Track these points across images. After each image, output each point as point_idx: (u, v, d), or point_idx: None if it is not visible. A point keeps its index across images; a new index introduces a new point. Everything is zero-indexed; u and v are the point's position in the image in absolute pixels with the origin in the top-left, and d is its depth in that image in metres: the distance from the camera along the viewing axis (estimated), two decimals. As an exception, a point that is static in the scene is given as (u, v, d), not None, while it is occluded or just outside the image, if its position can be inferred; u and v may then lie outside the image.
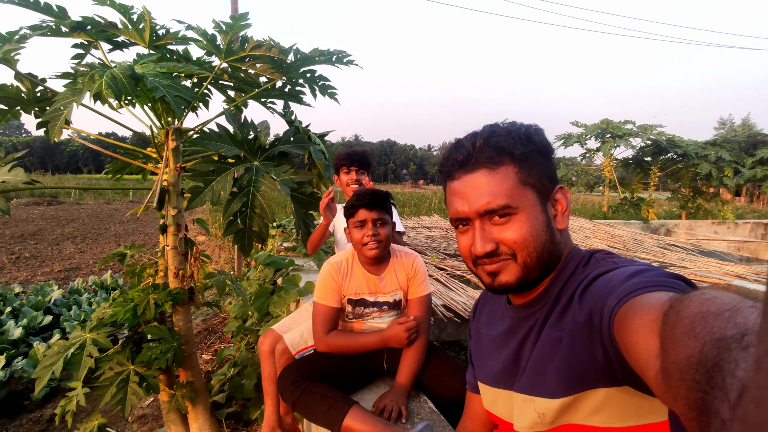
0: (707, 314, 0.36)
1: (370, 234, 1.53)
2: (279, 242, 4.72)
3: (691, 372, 0.33)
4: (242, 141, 1.72)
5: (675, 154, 9.44)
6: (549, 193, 0.77)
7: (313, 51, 1.75)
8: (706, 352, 0.33)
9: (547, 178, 0.77)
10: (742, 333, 0.31)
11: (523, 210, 0.73)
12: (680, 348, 0.36)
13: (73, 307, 4.59)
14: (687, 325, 0.37)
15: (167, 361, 1.72)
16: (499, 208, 0.73)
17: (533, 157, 0.75)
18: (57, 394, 3.17)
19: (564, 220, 0.77)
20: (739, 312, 0.34)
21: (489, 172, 0.74)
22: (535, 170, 0.75)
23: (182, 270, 1.88)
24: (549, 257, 0.75)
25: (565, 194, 0.78)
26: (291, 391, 1.40)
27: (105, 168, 2.15)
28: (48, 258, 7.68)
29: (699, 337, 0.34)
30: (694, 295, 0.40)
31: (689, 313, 0.38)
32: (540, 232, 0.73)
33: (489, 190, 0.74)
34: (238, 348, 3.16)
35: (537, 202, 0.75)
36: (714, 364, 0.31)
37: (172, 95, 1.37)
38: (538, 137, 0.78)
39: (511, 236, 0.73)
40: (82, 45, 1.72)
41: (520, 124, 0.79)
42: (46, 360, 1.65)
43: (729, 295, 0.38)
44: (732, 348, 0.30)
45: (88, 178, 43.18)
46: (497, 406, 0.84)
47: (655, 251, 4.91)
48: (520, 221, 0.73)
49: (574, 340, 0.65)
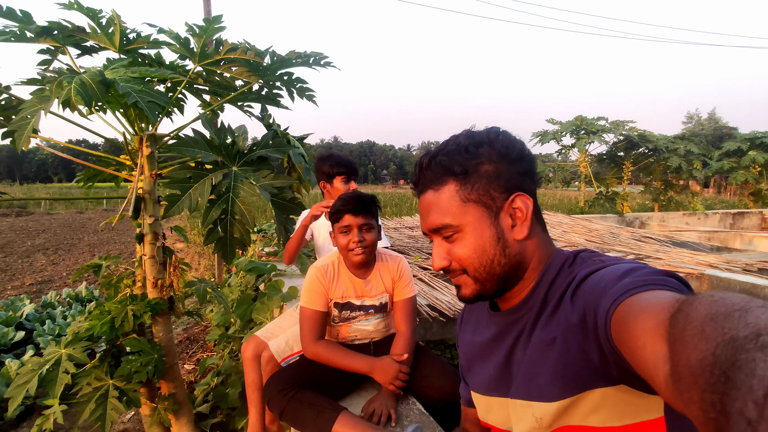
0: (716, 315, 0.35)
1: (356, 240, 1.51)
2: (260, 247, 4.66)
3: (705, 374, 0.33)
4: (220, 146, 1.68)
5: (646, 149, 9.72)
6: (502, 204, 0.74)
7: (289, 53, 1.73)
8: (720, 354, 0.32)
9: (499, 187, 0.74)
10: (756, 333, 0.31)
11: (465, 227, 0.74)
12: (691, 351, 0.36)
13: (46, 322, 4.42)
14: (697, 328, 0.36)
15: (148, 373, 1.68)
16: (442, 227, 0.75)
17: (478, 171, 0.74)
18: (33, 412, 3.04)
19: (522, 230, 0.74)
20: (749, 312, 0.34)
21: (434, 192, 0.76)
22: (479, 184, 0.74)
23: (161, 279, 1.84)
24: (503, 270, 0.74)
25: (525, 201, 0.74)
26: (278, 401, 1.38)
27: (76, 176, 2.08)
28: (18, 271, 7.40)
29: (710, 339, 0.34)
30: (702, 297, 0.40)
31: (698, 315, 0.37)
32: (486, 248, 0.73)
33: (434, 210, 0.76)
34: (222, 356, 3.10)
35: (484, 217, 0.74)
36: (731, 364, 0.31)
37: (145, 101, 1.34)
38: (493, 145, 0.75)
39: (457, 253, 0.75)
40: (48, 50, 1.67)
41: (470, 135, 0.77)
42: (20, 378, 1.59)
43: (737, 295, 0.37)
44: (748, 348, 0.30)
45: (59, 187, 41.87)
46: (492, 414, 0.83)
47: (631, 244, 5.04)
48: (464, 239, 0.74)
49: (568, 342, 0.64)
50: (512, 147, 0.76)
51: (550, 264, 0.75)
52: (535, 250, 0.77)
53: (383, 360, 1.50)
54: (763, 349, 0.29)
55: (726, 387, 0.30)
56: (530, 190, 0.77)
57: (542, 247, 0.77)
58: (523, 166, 0.76)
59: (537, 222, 0.78)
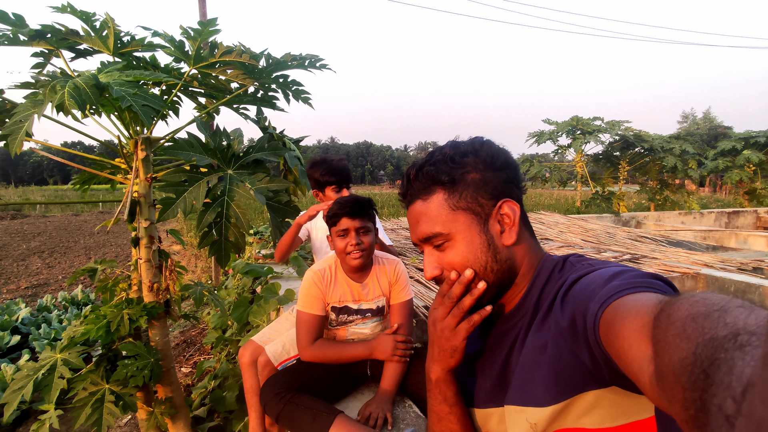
0: (697, 315, 0.37)
1: (354, 243, 1.51)
2: (257, 250, 4.65)
3: (686, 373, 0.34)
4: (215, 149, 1.68)
5: (642, 149, 9.76)
6: (490, 211, 0.75)
7: (285, 56, 1.73)
8: (700, 353, 0.33)
9: (486, 195, 0.75)
10: (734, 333, 0.32)
11: (456, 235, 0.75)
12: (673, 350, 0.37)
13: (42, 326, 4.40)
14: (678, 328, 0.38)
15: (144, 377, 1.67)
16: (433, 236, 0.76)
17: (464, 179, 0.75)
18: (29, 417, 3.03)
19: (511, 235, 0.75)
20: (728, 312, 0.35)
21: (423, 202, 0.78)
22: (467, 192, 0.75)
23: (157, 283, 1.83)
24: (495, 276, 0.75)
25: (513, 207, 0.75)
26: (274, 404, 1.38)
27: (72, 179, 2.07)
28: (13, 274, 7.36)
29: (691, 339, 0.35)
30: (684, 298, 0.41)
31: (680, 316, 0.39)
32: (478, 254, 0.74)
33: (423, 219, 0.77)
34: (219, 359, 3.09)
35: (473, 224, 0.75)
36: (710, 363, 0.32)
37: (140, 104, 1.33)
38: (478, 154, 0.76)
39: (448, 261, 0.76)
40: (42, 54, 1.66)
41: (455, 146, 0.78)
42: (15, 383, 1.58)
43: (717, 296, 0.39)
44: (727, 348, 0.31)
45: (54, 189, 41.67)
46: (491, 424, 0.83)
47: (627, 243, 5.06)
48: (454, 246, 0.76)
49: (559, 346, 0.65)
50: (497, 156, 0.77)
51: (540, 269, 0.76)
52: (524, 255, 0.77)
53: (379, 338, 1.52)
54: (741, 348, 0.30)
55: (706, 384, 0.31)
56: (516, 196, 0.78)
57: (531, 252, 0.78)
58: (508, 174, 0.77)
59: (525, 228, 0.79)
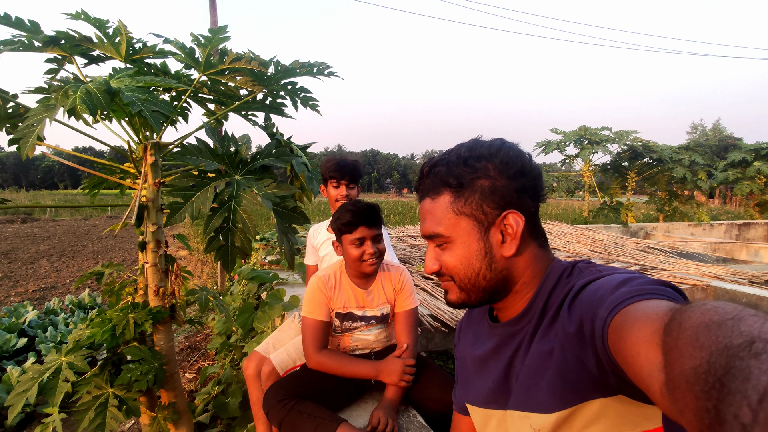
0: (710, 324, 0.36)
1: (371, 252, 1.50)
2: (262, 256, 4.66)
3: (699, 382, 0.33)
4: (223, 155, 1.69)
5: (651, 159, 9.70)
6: (493, 220, 0.74)
7: (293, 63, 1.74)
8: (714, 362, 0.33)
9: (493, 203, 0.73)
10: (749, 341, 0.32)
11: (456, 239, 0.76)
12: (686, 359, 0.36)
13: (48, 329, 4.43)
14: (691, 336, 0.37)
15: (148, 382, 1.67)
16: (435, 236, 0.78)
17: (473, 185, 0.74)
18: (33, 419, 3.04)
19: (510, 247, 0.74)
20: (742, 320, 0.34)
21: (431, 200, 0.79)
22: (472, 198, 0.74)
23: (163, 287, 1.83)
24: (488, 284, 0.75)
25: (517, 219, 0.73)
26: (277, 411, 1.37)
27: (81, 183, 2.09)
28: (22, 277, 7.43)
29: (705, 347, 0.35)
30: (695, 306, 0.40)
31: (692, 324, 0.38)
32: (472, 261, 0.75)
33: (429, 218, 0.79)
34: (223, 365, 3.08)
35: (474, 231, 0.75)
36: (725, 371, 0.31)
37: (150, 110, 1.35)
38: (493, 160, 0.74)
39: (445, 262, 0.78)
40: (55, 59, 1.68)
41: (472, 147, 0.76)
42: (20, 386, 1.58)
43: (729, 304, 0.38)
44: (742, 356, 0.31)
45: (64, 193, 42.16)
46: (490, 427, 0.82)
47: (635, 254, 5.00)
48: (453, 249, 0.77)
49: (565, 352, 0.64)
50: (512, 162, 0.74)
51: (548, 275, 0.75)
52: (527, 265, 0.76)
53: (387, 361, 1.50)
54: (757, 356, 0.30)
55: (721, 393, 0.31)
56: (527, 206, 0.75)
57: (537, 261, 0.77)
58: (522, 183, 0.74)
59: (532, 238, 0.77)
